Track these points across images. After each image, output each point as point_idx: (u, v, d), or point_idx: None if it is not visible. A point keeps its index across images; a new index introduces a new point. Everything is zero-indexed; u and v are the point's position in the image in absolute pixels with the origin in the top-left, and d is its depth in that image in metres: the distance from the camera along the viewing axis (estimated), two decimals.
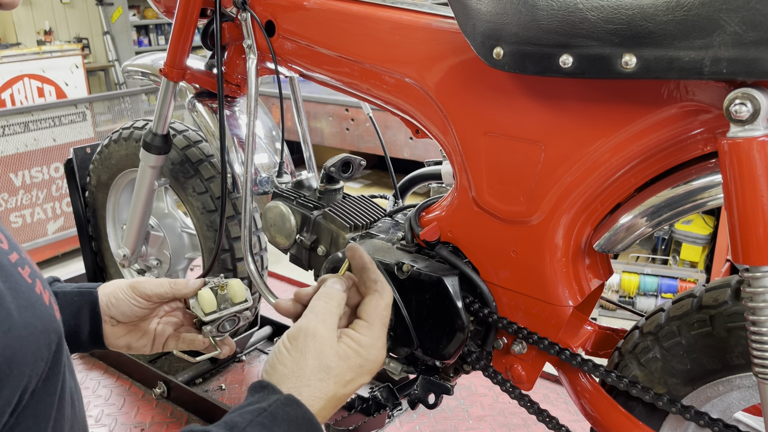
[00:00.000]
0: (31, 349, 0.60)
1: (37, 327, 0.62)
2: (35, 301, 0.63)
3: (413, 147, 3.78)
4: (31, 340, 0.60)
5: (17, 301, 0.59)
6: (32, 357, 0.60)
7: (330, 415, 0.70)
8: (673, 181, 0.86)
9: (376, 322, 0.76)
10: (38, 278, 0.66)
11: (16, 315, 0.59)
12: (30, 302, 0.61)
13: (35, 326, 0.61)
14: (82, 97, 4.14)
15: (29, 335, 0.60)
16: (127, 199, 1.92)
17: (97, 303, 0.93)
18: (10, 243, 0.65)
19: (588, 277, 1.01)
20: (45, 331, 0.63)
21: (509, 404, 1.74)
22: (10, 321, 0.58)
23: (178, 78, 1.49)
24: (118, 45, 7.81)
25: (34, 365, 0.61)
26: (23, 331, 0.59)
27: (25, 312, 0.60)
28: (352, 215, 1.29)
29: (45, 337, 0.63)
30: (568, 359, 0.96)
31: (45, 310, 0.64)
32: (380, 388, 1.28)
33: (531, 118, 0.94)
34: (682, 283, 2.99)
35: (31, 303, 0.62)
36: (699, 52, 0.70)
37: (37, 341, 0.61)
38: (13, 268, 0.62)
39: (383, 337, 0.76)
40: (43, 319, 0.63)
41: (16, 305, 0.59)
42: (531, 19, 0.81)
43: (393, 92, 1.12)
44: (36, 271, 0.67)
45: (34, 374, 0.61)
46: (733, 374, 0.87)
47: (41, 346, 0.62)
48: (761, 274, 0.71)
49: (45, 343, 0.63)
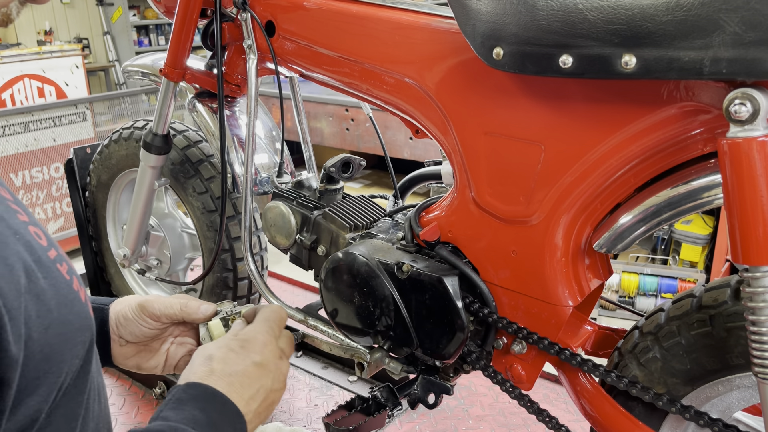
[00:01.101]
0: (68, 346, 0.61)
1: (74, 324, 0.62)
2: (73, 299, 0.63)
3: (413, 147, 3.78)
4: (69, 337, 0.61)
5: (57, 298, 0.60)
6: (69, 354, 0.61)
7: (247, 390, 0.77)
8: (673, 181, 0.86)
9: (257, 320, 0.88)
10: (75, 275, 0.67)
11: (56, 312, 0.59)
12: (68, 299, 0.62)
13: (72, 323, 0.62)
14: (83, 97, 4.14)
15: (67, 332, 0.61)
16: (127, 199, 1.92)
17: (107, 321, 0.90)
18: (48, 240, 0.65)
19: (588, 277, 1.01)
20: (81, 329, 0.64)
21: (509, 404, 1.74)
22: (50, 318, 0.58)
23: (179, 78, 1.49)
24: (118, 45, 7.81)
25: (70, 363, 0.61)
26: (62, 328, 0.60)
27: (64, 309, 0.61)
28: (352, 215, 1.29)
29: (81, 335, 0.64)
30: (567, 359, 0.96)
31: (81, 308, 0.65)
32: (380, 388, 1.28)
33: (531, 118, 0.94)
34: (682, 283, 2.99)
35: (69, 300, 0.62)
36: (699, 53, 0.70)
37: (74, 339, 0.62)
38: (52, 264, 0.62)
39: (264, 327, 0.87)
40: (80, 316, 0.64)
41: (56, 302, 0.60)
42: (531, 19, 0.81)
43: (393, 92, 1.12)
44: (72, 268, 0.67)
45: (69, 372, 0.62)
46: (733, 374, 0.87)
47: (77, 343, 0.63)
48: (761, 274, 0.71)
49: (81, 341, 0.64)
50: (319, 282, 1.22)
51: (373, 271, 1.09)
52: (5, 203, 0.61)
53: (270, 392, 0.81)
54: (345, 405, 1.31)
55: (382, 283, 1.08)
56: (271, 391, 0.81)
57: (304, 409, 1.74)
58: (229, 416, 0.73)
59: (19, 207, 0.63)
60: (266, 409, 0.80)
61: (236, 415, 0.73)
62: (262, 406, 0.79)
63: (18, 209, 0.63)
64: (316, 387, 1.83)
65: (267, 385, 0.80)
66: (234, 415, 0.73)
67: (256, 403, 0.78)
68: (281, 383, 0.84)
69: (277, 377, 0.83)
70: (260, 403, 0.79)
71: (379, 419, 1.30)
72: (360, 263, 1.11)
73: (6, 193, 0.63)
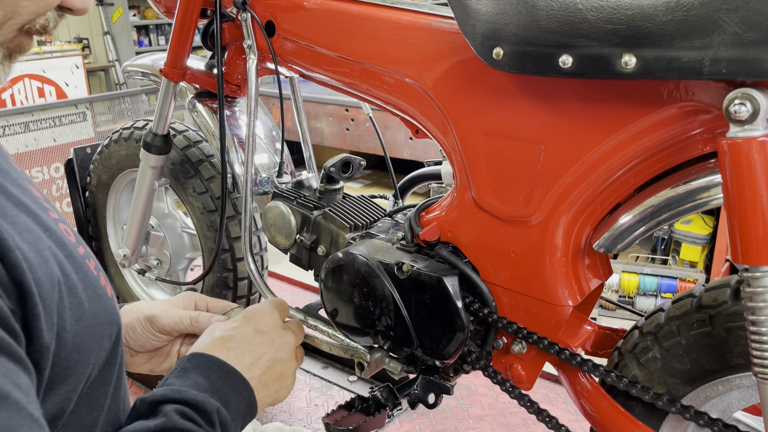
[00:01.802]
0: (96, 338, 0.63)
1: (102, 318, 0.64)
2: (101, 293, 0.65)
3: (413, 147, 3.78)
4: (97, 329, 0.63)
5: (87, 292, 0.62)
6: (97, 346, 0.63)
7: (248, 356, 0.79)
8: (673, 181, 0.86)
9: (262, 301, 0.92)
10: (101, 272, 0.69)
11: (87, 305, 0.61)
12: (97, 293, 0.64)
13: (101, 317, 0.64)
14: (83, 97, 4.14)
15: (96, 325, 0.63)
16: (127, 199, 1.92)
17: None
18: (76, 237, 0.67)
19: (588, 277, 1.01)
20: (108, 323, 0.65)
21: (509, 404, 1.74)
22: (81, 310, 0.60)
23: (179, 78, 1.49)
24: (118, 45, 7.80)
25: (97, 354, 0.63)
26: (91, 320, 0.62)
27: (93, 303, 0.63)
28: (352, 215, 1.29)
29: (108, 328, 0.65)
30: (567, 359, 0.96)
31: (109, 302, 0.66)
32: (380, 388, 1.28)
33: (531, 119, 0.94)
34: (682, 283, 2.99)
35: (97, 294, 0.64)
36: (698, 53, 0.70)
37: (102, 331, 0.64)
38: (82, 260, 0.64)
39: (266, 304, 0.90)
40: (107, 310, 0.66)
41: (86, 296, 0.62)
42: (531, 19, 0.81)
43: (393, 92, 1.12)
44: (98, 265, 0.69)
45: (96, 363, 0.64)
46: (733, 374, 0.87)
47: (105, 336, 0.65)
48: (761, 274, 0.71)
49: (108, 334, 0.65)
50: (319, 282, 1.22)
51: (373, 271, 1.09)
52: (37, 201, 0.62)
53: (275, 362, 0.81)
54: (345, 405, 1.31)
55: (382, 283, 1.08)
56: (277, 361, 0.81)
57: (304, 409, 1.74)
58: (232, 381, 0.74)
59: (48, 205, 0.65)
60: (276, 380, 0.81)
61: (240, 380, 0.75)
62: (268, 375, 0.79)
63: (48, 207, 0.64)
64: (316, 387, 1.83)
65: (270, 352, 0.81)
66: (238, 380, 0.75)
67: (259, 370, 0.78)
68: (287, 353, 0.84)
69: (281, 346, 0.83)
70: (264, 371, 0.79)
71: (379, 419, 1.30)
72: (360, 263, 1.11)
73: (36, 191, 0.65)
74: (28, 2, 0.57)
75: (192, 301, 0.96)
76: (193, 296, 0.97)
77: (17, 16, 0.58)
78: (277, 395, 0.82)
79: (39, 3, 0.58)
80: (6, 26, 0.58)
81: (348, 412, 1.29)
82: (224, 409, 0.70)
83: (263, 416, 1.72)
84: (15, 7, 0.57)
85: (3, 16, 0.57)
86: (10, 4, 0.57)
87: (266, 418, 1.70)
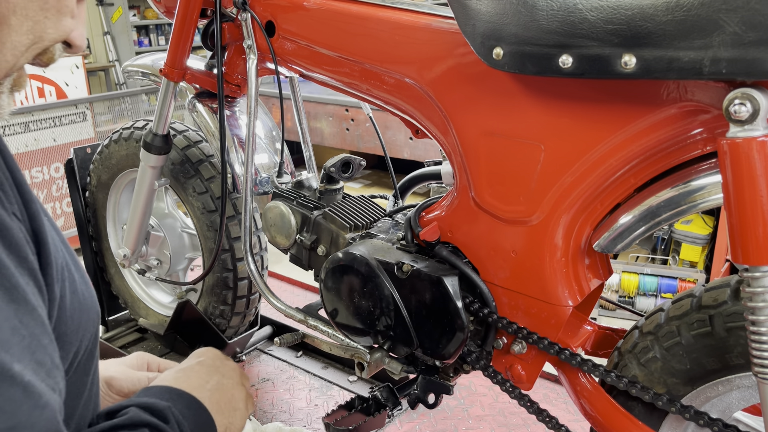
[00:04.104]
0: (85, 317, 0.66)
1: (89, 301, 0.68)
2: (88, 282, 0.70)
3: (413, 147, 3.78)
4: (85, 309, 0.66)
5: (77, 273, 0.67)
6: (85, 325, 0.66)
7: (194, 380, 0.81)
8: (673, 181, 0.86)
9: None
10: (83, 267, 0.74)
11: (78, 284, 0.66)
12: (84, 279, 0.69)
13: (88, 300, 0.68)
14: (83, 97, 4.13)
15: (85, 303, 0.66)
16: (127, 199, 1.92)
17: None
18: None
19: (588, 277, 1.01)
20: (94, 309, 0.69)
21: (509, 404, 1.74)
22: (74, 286, 0.65)
23: (179, 78, 1.49)
24: (118, 45, 7.80)
25: (84, 333, 0.66)
26: (82, 298, 0.66)
27: (82, 286, 0.67)
28: (352, 215, 1.29)
29: (94, 314, 0.69)
30: (567, 359, 0.96)
31: (93, 292, 0.71)
32: (380, 388, 1.28)
33: (531, 118, 0.94)
34: (682, 283, 2.99)
35: (85, 280, 0.69)
36: (698, 53, 0.70)
37: (89, 314, 0.67)
38: (72, 249, 0.69)
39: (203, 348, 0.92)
40: (93, 299, 0.70)
41: (77, 276, 0.67)
42: (531, 19, 0.82)
43: (393, 92, 1.12)
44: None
45: (83, 343, 0.66)
46: (733, 374, 0.87)
47: (91, 320, 0.68)
48: (761, 274, 0.72)
49: (93, 319, 0.69)
50: (319, 282, 1.22)
51: (373, 271, 1.09)
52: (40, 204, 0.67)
53: (223, 386, 0.82)
54: (345, 405, 1.31)
55: (382, 283, 1.08)
56: (225, 386, 0.83)
57: (304, 409, 1.74)
58: (183, 399, 0.76)
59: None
60: (227, 403, 0.81)
61: (190, 399, 0.76)
62: (219, 396, 0.80)
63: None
64: (316, 387, 1.83)
65: (215, 378, 0.83)
66: (188, 398, 0.76)
67: (207, 391, 0.79)
68: (233, 379, 0.85)
69: (226, 373, 0.85)
70: (213, 392, 0.80)
71: (379, 419, 1.30)
72: (360, 263, 1.11)
73: None
74: (52, 29, 0.62)
75: (144, 362, 0.96)
76: (145, 357, 0.96)
77: (40, 42, 0.62)
78: (231, 419, 0.82)
79: (59, 31, 0.63)
80: (29, 51, 0.62)
81: (348, 412, 1.29)
82: (177, 411, 0.71)
83: (263, 416, 1.72)
84: (41, 33, 0.61)
85: (31, 41, 0.61)
86: (38, 31, 0.61)
87: (266, 418, 1.70)
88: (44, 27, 0.61)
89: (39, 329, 0.52)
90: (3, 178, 0.56)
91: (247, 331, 1.98)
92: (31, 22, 0.60)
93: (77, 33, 0.67)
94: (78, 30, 0.67)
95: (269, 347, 2.03)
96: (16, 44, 0.60)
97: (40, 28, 0.61)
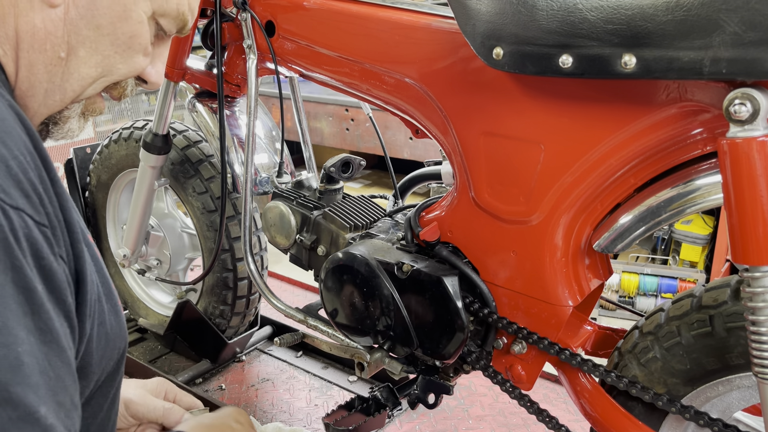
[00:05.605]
0: (109, 348, 0.67)
1: (116, 331, 0.68)
2: (118, 310, 0.70)
3: (413, 147, 3.78)
4: (111, 339, 0.67)
5: (109, 303, 0.67)
6: (108, 355, 0.67)
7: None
8: (673, 181, 0.86)
9: None
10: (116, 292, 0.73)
11: (107, 315, 0.66)
12: (115, 310, 0.69)
13: (115, 329, 0.68)
14: None
15: (111, 334, 0.67)
16: (127, 199, 1.92)
17: None
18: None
19: (588, 277, 1.01)
20: (120, 337, 0.70)
21: (509, 404, 1.74)
22: (102, 317, 0.66)
23: (179, 78, 1.49)
24: None
25: (107, 363, 0.67)
26: (108, 329, 0.66)
27: (111, 315, 0.67)
28: (352, 215, 1.29)
29: (119, 342, 0.70)
30: (567, 359, 0.96)
31: (122, 319, 0.71)
32: (380, 388, 1.28)
33: (531, 118, 0.94)
34: (682, 283, 2.98)
35: (116, 310, 0.69)
36: (698, 53, 0.70)
37: (114, 342, 0.68)
38: (108, 276, 0.69)
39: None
40: (121, 326, 0.70)
41: (108, 307, 0.67)
42: (530, 19, 0.81)
43: (393, 92, 1.12)
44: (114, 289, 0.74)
45: (104, 372, 0.67)
46: (733, 374, 0.87)
47: (115, 348, 0.69)
48: (761, 274, 0.71)
49: (118, 347, 0.69)
50: (319, 282, 1.22)
51: (373, 271, 1.09)
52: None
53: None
54: (345, 405, 1.31)
55: (382, 283, 1.08)
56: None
57: (304, 409, 1.74)
58: None
59: None
60: None
61: None
62: None
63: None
64: (316, 387, 1.83)
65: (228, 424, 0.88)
66: None
67: None
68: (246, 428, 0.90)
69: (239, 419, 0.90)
70: None
71: (379, 419, 1.30)
72: (360, 263, 1.11)
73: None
74: (121, 65, 0.65)
75: (163, 389, 0.97)
76: (164, 385, 0.98)
77: (109, 75, 0.65)
78: None
79: (129, 67, 0.65)
80: (98, 83, 0.64)
81: (348, 412, 1.29)
82: None
83: (263, 416, 1.72)
84: (110, 67, 0.64)
85: (99, 73, 0.64)
86: (107, 65, 0.64)
87: (266, 418, 1.70)
88: (113, 62, 0.63)
89: (64, 370, 0.53)
90: (56, 221, 0.57)
91: (247, 331, 1.98)
92: (101, 56, 0.62)
93: (153, 70, 0.69)
94: (155, 67, 0.69)
95: (269, 347, 2.03)
96: (84, 75, 0.63)
97: (110, 63, 0.63)
